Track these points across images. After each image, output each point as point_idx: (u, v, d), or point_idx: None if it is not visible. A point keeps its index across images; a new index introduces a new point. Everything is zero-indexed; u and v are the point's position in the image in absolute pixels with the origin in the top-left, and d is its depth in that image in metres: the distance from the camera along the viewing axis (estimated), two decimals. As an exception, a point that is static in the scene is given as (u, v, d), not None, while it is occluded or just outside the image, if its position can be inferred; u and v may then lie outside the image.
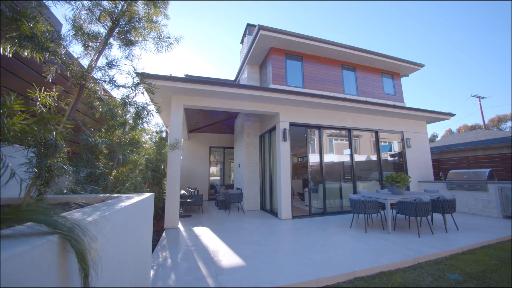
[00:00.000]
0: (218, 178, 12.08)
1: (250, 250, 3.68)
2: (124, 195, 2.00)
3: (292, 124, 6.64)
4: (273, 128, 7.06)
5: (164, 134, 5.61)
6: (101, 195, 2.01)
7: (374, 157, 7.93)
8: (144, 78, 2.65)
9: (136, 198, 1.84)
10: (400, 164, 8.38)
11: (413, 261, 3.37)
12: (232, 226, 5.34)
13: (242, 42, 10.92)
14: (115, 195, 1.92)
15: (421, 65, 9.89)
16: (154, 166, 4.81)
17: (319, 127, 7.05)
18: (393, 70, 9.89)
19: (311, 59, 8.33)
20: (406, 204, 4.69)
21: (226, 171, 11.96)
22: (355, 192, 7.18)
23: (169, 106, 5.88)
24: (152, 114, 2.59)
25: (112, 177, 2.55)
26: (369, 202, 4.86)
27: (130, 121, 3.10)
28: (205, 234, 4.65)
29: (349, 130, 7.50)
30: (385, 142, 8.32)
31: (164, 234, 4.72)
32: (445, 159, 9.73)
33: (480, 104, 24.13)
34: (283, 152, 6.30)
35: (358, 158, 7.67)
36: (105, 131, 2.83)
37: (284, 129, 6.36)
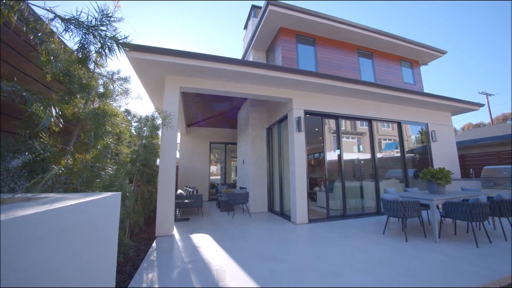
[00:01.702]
0: (219, 177, 11.15)
1: (267, 269, 2.73)
2: (56, 195, 1.05)
3: (306, 113, 5.70)
4: (284, 118, 6.12)
5: (157, 123, 4.65)
6: (18, 195, 1.06)
7: (379, 155, 6.88)
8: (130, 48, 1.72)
9: (72, 201, 0.90)
10: (423, 160, 7.45)
11: (493, 284, 2.43)
12: (239, 233, 4.40)
13: (245, 27, 9.98)
14: (25, 195, 0.97)
15: (443, 52, 8.98)
16: (143, 159, 3.86)
17: (337, 117, 6.11)
18: (412, 57, 8.97)
19: (325, 43, 7.40)
20: (457, 206, 3.75)
21: (228, 169, 11.01)
22: (377, 191, 6.25)
23: (162, 89, 4.92)
24: (113, 48, 1.62)
25: (60, 167, 1.59)
26: (409, 204, 3.92)
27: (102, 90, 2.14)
28: (206, 244, 3.70)
29: (369, 120, 6.57)
30: (390, 140, 7.34)
31: (154, 244, 3.76)
32: (469, 154, 8.82)
33: (488, 101, 23.43)
34: (298, 144, 5.36)
35: (364, 156, 6.72)
36: (59, 99, 1.88)
37: (299, 118, 5.42)
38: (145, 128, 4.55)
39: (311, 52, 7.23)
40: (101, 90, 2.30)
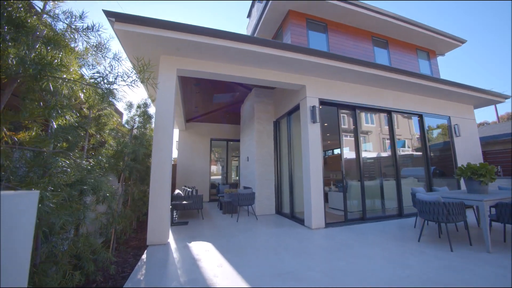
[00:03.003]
0: (219, 177, 10.50)
1: (291, 294, 2.06)
2: None
3: (321, 102, 5.02)
4: (295, 109, 5.45)
5: (150, 111, 3.98)
6: None
7: (384, 154, 6.14)
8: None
9: None
10: (444, 157, 6.78)
11: None
12: (246, 241, 3.71)
13: (249, 15, 9.33)
14: None
15: (463, 41, 8.33)
16: (131, 151, 3.18)
17: (355, 107, 5.44)
18: (429, 47, 8.32)
19: (338, 28, 6.73)
20: (514, 209, 3.08)
21: (229, 168, 10.35)
22: (399, 192, 5.58)
23: (156, 72, 4.23)
24: None
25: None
26: (454, 206, 3.25)
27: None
28: (207, 256, 3.02)
29: (389, 112, 5.90)
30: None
31: (144, 256, 3.08)
32: (492, 151, 8.17)
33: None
34: (313, 137, 4.69)
35: (369, 154, 6.03)
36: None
37: (313, 107, 4.75)
38: (137, 118, 3.90)
39: (322, 39, 6.56)
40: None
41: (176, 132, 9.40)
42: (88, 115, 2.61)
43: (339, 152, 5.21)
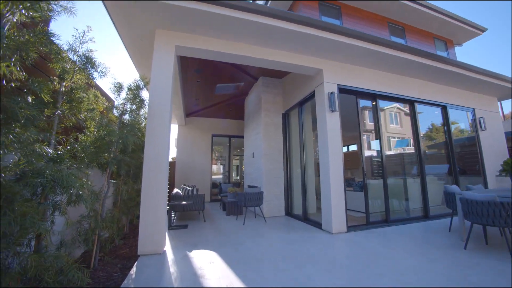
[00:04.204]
0: (220, 176, 9.92)
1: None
2: None
3: (339, 89, 4.41)
4: (308, 98, 4.86)
5: (143, 95, 3.36)
6: None
7: (390, 152, 5.53)
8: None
9: None
10: (464, 154, 6.19)
11: None
12: (258, 250, 3.10)
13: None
14: None
15: (483, 29, 7.78)
16: (118, 140, 2.56)
17: (375, 96, 4.85)
18: (447, 35, 7.76)
19: (352, 13, 6.15)
20: None
21: (231, 166, 9.76)
22: (424, 191, 4.99)
23: (151, 50, 3.59)
24: None
25: None
26: (515, 207, 2.66)
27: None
28: (213, 272, 2.41)
29: (412, 102, 5.31)
30: (398, 138, 5.99)
31: (134, 269, 2.46)
32: (514, 148, 7.60)
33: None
34: (332, 128, 4.09)
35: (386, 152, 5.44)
36: None
37: (332, 93, 4.15)
38: (128, 105, 3.27)
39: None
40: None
41: (175, 128, 8.78)
42: (59, 88, 2.00)
43: (348, 150, 4.63)
